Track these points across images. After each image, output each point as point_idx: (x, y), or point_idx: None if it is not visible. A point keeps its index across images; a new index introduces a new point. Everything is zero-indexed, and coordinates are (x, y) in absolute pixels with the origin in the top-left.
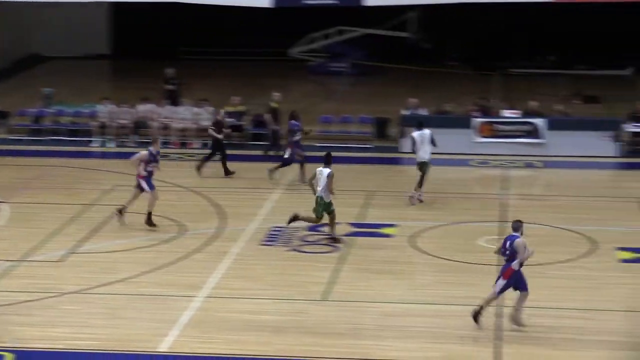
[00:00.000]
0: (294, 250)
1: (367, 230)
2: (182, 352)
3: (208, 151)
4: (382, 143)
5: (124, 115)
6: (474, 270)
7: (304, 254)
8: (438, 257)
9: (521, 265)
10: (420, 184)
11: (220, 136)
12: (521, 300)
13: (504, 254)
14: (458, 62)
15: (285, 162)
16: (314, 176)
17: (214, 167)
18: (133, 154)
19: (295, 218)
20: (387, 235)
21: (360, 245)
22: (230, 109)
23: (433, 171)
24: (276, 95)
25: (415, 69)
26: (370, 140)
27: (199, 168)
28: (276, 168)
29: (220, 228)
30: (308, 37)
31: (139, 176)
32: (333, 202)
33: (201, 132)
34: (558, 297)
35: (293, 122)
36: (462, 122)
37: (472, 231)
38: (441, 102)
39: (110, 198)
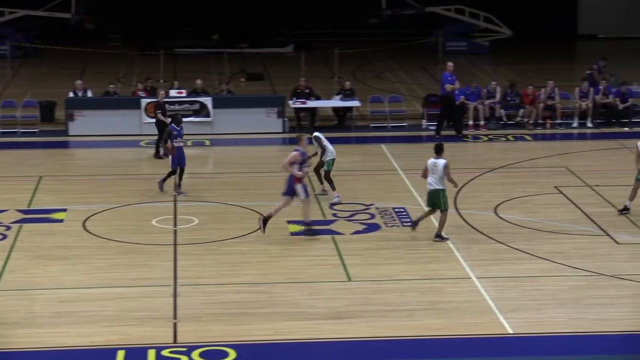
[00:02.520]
0: None
1: (38, 216)
2: None
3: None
4: (49, 127)
5: None
6: (147, 251)
7: None
8: (111, 240)
9: None
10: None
11: (167, 119)
12: None
13: None
14: (121, 42)
15: (173, 172)
16: (425, 170)
17: None
18: None
19: (441, 226)
20: (58, 220)
21: (31, 232)
22: None
23: (103, 153)
24: None
25: (80, 50)
26: (37, 125)
27: (158, 153)
28: (166, 179)
29: None
30: None
31: (295, 180)
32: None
33: None
34: (234, 273)
35: (173, 125)
36: (131, 103)
37: (145, 212)
38: (108, 83)
39: None
